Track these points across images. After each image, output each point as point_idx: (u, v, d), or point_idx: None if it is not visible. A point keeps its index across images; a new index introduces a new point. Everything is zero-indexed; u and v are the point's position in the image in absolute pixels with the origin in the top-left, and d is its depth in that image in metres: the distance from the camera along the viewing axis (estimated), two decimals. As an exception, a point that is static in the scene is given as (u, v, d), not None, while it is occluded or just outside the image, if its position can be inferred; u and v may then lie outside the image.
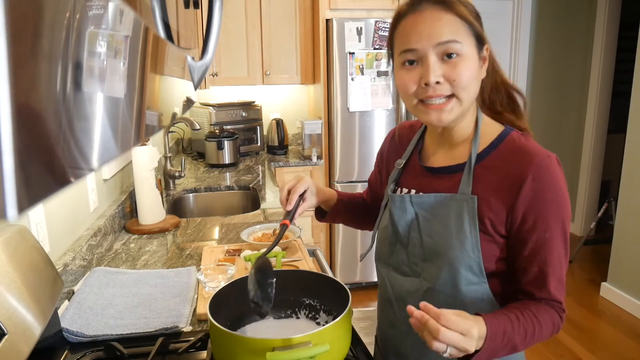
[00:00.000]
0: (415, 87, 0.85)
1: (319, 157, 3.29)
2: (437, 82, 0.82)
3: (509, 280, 0.90)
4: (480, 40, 0.85)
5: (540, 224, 0.83)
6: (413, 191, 0.96)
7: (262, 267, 0.92)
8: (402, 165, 1.01)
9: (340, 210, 1.18)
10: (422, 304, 0.75)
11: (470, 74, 0.83)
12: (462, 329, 0.72)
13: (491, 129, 0.91)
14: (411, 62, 0.85)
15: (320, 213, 1.20)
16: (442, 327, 0.71)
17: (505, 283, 0.91)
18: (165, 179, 2.52)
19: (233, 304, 1.00)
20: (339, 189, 1.34)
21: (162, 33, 0.41)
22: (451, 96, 0.84)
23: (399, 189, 0.99)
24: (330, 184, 3.31)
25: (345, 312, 0.86)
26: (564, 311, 0.89)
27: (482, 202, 0.85)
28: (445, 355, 0.73)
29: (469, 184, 0.87)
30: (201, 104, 3.44)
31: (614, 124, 4.32)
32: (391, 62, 0.92)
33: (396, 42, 0.88)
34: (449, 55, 0.82)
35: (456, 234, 0.86)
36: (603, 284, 3.33)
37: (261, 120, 3.53)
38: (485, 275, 0.87)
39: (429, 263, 0.91)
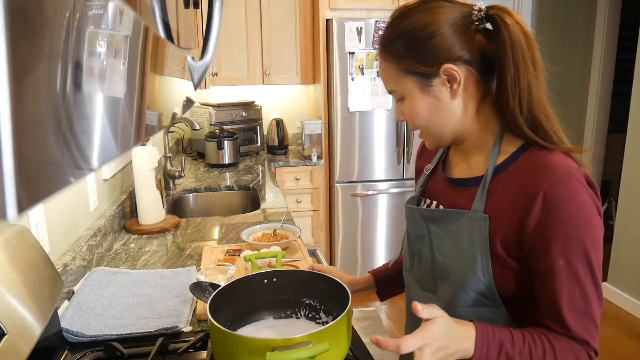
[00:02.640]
0: None
1: (319, 157, 3.29)
2: (400, 120, 0.87)
3: (531, 307, 0.81)
4: (423, 74, 0.80)
5: (553, 249, 0.74)
6: (435, 203, 0.92)
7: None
8: (430, 171, 0.97)
9: (391, 286, 1.14)
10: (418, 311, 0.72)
11: (420, 112, 0.82)
12: (418, 345, 0.69)
13: (513, 142, 0.82)
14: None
15: (380, 294, 1.17)
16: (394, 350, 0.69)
17: (527, 309, 0.81)
18: (165, 179, 2.52)
19: (233, 304, 1.00)
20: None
21: (162, 33, 0.41)
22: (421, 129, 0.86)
23: (424, 198, 0.95)
24: (330, 184, 3.31)
25: (345, 312, 0.86)
26: (594, 352, 0.77)
27: (494, 221, 0.78)
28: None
29: (482, 200, 0.80)
30: (201, 104, 3.44)
31: (614, 124, 4.32)
32: None
33: None
34: (400, 99, 0.85)
35: (468, 256, 0.80)
36: (603, 284, 3.32)
37: (261, 120, 3.53)
38: (500, 300, 0.80)
39: (442, 281, 0.86)
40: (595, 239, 0.74)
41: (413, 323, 0.99)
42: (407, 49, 0.80)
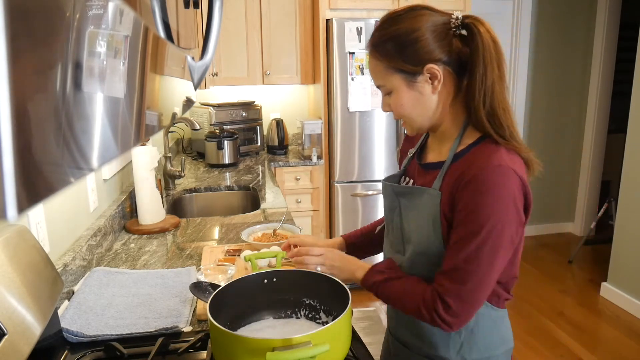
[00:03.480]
0: None
1: (319, 157, 3.29)
2: (386, 111, 1.01)
3: None
4: (409, 72, 0.93)
5: (461, 219, 0.89)
6: (411, 182, 1.06)
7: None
8: (412, 155, 1.11)
9: (358, 249, 1.29)
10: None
11: (404, 104, 0.96)
12: (317, 253, 1.09)
13: (473, 134, 0.96)
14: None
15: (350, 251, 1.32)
16: (305, 258, 1.08)
17: None
18: (165, 179, 2.52)
19: (233, 304, 1.00)
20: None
21: (162, 33, 0.41)
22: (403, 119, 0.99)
23: (404, 177, 1.10)
24: (331, 184, 3.31)
25: (345, 312, 0.86)
26: (443, 302, 0.90)
27: (443, 198, 0.93)
28: (318, 270, 1.07)
29: (440, 180, 0.95)
30: (201, 104, 3.44)
31: (614, 124, 4.32)
32: None
33: None
34: (387, 93, 0.98)
35: (426, 226, 0.96)
36: (603, 284, 3.33)
37: (261, 120, 3.53)
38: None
39: (408, 245, 1.02)
40: (496, 226, 0.87)
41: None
42: (395, 50, 0.92)
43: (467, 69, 0.92)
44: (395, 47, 0.92)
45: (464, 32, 0.92)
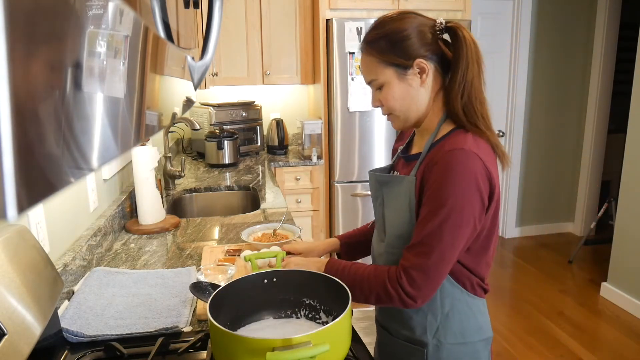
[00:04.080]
0: None
1: (319, 157, 3.29)
2: (376, 106, 1.08)
3: None
4: (401, 65, 1.02)
5: (427, 200, 0.98)
6: (397, 174, 1.14)
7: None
8: (400, 151, 1.19)
9: (353, 251, 1.35)
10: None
11: (392, 97, 1.04)
12: (281, 265, 1.16)
13: (449, 126, 1.05)
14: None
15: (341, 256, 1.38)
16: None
17: None
18: (165, 179, 2.52)
19: (233, 304, 1.00)
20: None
21: (162, 33, 0.41)
22: (390, 114, 1.07)
23: (393, 171, 1.18)
24: (331, 184, 3.31)
25: (345, 312, 0.86)
26: (406, 275, 0.98)
27: (417, 182, 1.02)
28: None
29: (416, 168, 1.04)
30: (201, 104, 3.44)
31: (614, 124, 4.32)
32: None
33: None
34: (378, 87, 1.06)
35: (404, 210, 1.05)
36: (603, 284, 3.33)
37: (261, 120, 3.53)
38: None
39: (389, 230, 1.09)
40: (456, 204, 0.95)
41: None
42: (388, 47, 1.02)
43: (451, 68, 1.03)
44: (388, 43, 1.02)
45: (446, 35, 1.04)
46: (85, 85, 0.24)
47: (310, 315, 1.06)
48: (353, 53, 3.07)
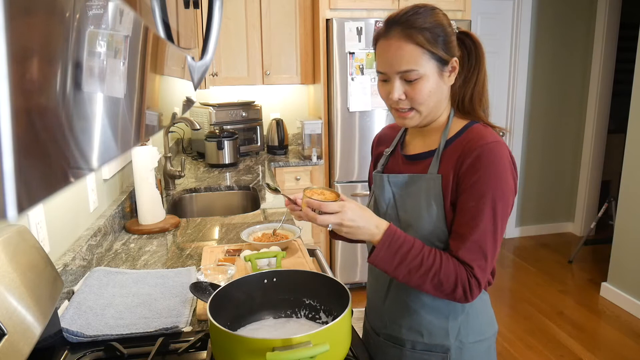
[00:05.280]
0: (387, 98, 1.03)
1: (319, 157, 3.29)
2: (400, 99, 1.00)
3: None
4: (443, 60, 0.99)
5: (472, 194, 0.96)
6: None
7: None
8: (389, 153, 1.17)
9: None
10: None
11: (428, 92, 0.99)
12: (332, 209, 0.94)
13: (460, 122, 1.06)
14: (384, 79, 1.03)
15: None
16: (318, 215, 0.95)
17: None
18: (165, 179, 2.52)
19: (233, 304, 1.00)
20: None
21: (162, 33, 0.41)
22: (411, 109, 1.02)
23: (386, 174, 1.14)
24: (331, 184, 3.31)
25: (345, 312, 0.86)
26: (475, 278, 0.96)
27: (444, 180, 1.00)
28: (329, 228, 0.97)
29: (436, 165, 1.02)
30: (201, 104, 3.44)
31: (614, 124, 4.32)
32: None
33: (375, 59, 1.05)
34: (412, 79, 0.99)
35: (426, 208, 1.01)
36: (603, 284, 3.33)
37: (261, 120, 3.53)
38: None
39: (408, 231, 1.04)
40: (503, 194, 0.96)
41: (372, 275, 1.20)
42: (435, 39, 0.97)
43: (465, 67, 1.05)
44: (434, 35, 0.97)
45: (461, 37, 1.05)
46: (86, 85, 0.24)
47: (310, 315, 1.06)
48: (353, 53, 3.07)
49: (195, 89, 0.60)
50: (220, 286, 1.01)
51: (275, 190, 1.23)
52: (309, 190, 1.02)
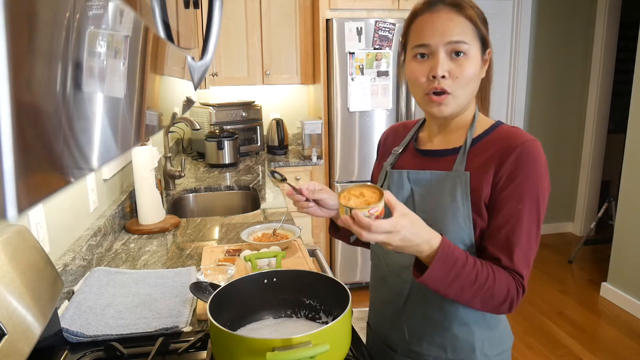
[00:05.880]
0: (424, 79, 0.94)
1: (319, 157, 3.29)
2: (443, 76, 0.92)
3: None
4: (484, 44, 0.95)
5: (515, 195, 0.90)
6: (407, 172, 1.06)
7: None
8: (399, 152, 1.10)
9: (343, 230, 1.22)
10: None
11: (472, 73, 0.93)
12: (385, 229, 0.79)
13: (485, 120, 1.01)
14: (422, 56, 0.94)
15: (334, 228, 1.24)
16: (364, 233, 0.79)
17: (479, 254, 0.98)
18: (165, 179, 2.52)
19: (233, 303, 1.00)
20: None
21: (162, 33, 0.41)
22: (447, 93, 0.94)
23: (404, 170, 1.07)
24: (331, 184, 3.31)
25: (345, 312, 0.86)
26: (523, 287, 0.91)
27: (473, 178, 0.94)
28: (373, 243, 0.91)
29: (462, 163, 0.96)
30: (201, 104, 3.44)
31: (614, 124, 4.32)
32: (403, 56, 1.03)
33: (410, 37, 0.97)
34: (457, 54, 0.92)
35: (450, 208, 0.94)
36: (603, 284, 3.33)
37: (261, 120, 3.53)
38: (475, 247, 0.95)
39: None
40: (544, 195, 0.92)
41: (375, 274, 1.14)
42: (482, 21, 0.94)
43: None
44: (480, 14, 0.94)
45: None
46: (86, 85, 0.24)
47: (310, 315, 1.06)
48: (353, 53, 3.07)
49: (195, 89, 0.60)
50: (220, 286, 1.01)
51: (282, 180, 1.20)
52: (346, 192, 0.86)
